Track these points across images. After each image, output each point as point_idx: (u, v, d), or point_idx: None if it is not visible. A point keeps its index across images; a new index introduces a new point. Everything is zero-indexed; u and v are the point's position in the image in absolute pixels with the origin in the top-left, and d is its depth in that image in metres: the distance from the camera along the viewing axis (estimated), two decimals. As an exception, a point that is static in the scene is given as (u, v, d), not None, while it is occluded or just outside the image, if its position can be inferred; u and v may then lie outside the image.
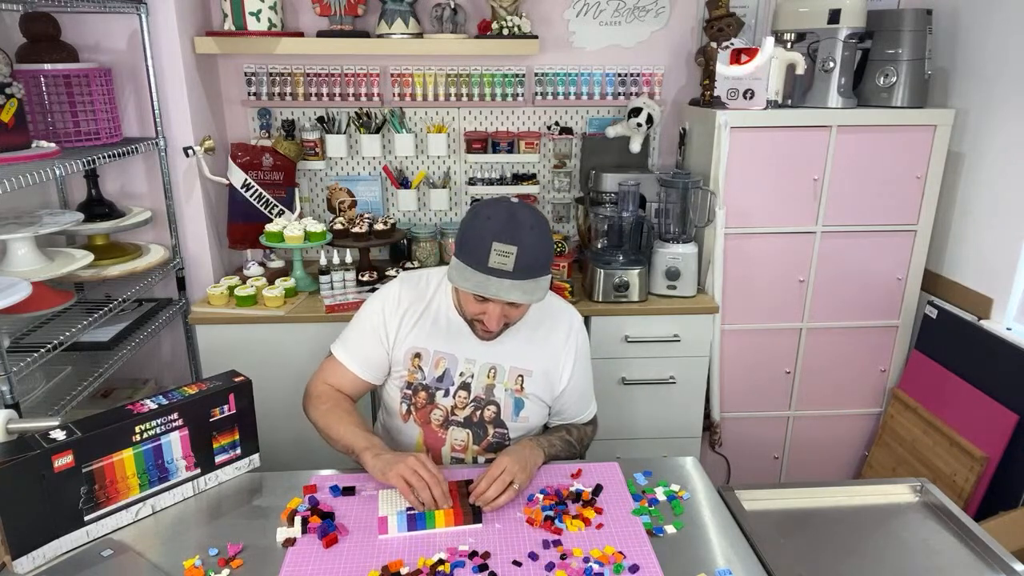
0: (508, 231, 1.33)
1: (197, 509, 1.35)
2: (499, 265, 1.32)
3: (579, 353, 1.59)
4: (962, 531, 1.34)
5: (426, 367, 1.53)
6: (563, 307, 1.62)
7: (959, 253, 2.37)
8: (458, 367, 1.53)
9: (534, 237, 1.34)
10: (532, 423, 1.57)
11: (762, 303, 2.42)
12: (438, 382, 1.53)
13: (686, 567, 1.19)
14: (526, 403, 1.54)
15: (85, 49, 2.11)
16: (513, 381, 1.53)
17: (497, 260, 1.31)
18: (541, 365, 1.54)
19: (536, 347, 1.55)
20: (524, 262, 1.32)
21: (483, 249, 1.32)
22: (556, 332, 1.57)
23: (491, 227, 1.34)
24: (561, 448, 1.55)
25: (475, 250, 1.34)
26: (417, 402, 1.54)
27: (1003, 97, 2.16)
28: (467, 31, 2.46)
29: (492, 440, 1.54)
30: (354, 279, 2.23)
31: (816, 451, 2.62)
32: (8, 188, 1.43)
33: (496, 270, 1.32)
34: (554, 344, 1.56)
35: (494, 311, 1.40)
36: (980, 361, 2.18)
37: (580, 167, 2.65)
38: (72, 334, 1.70)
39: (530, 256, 1.33)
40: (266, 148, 2.42)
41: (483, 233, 1.34)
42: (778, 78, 2.32)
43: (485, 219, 1.36)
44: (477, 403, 1.53)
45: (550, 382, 1.56)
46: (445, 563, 1.18)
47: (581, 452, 1.64)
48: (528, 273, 1.34)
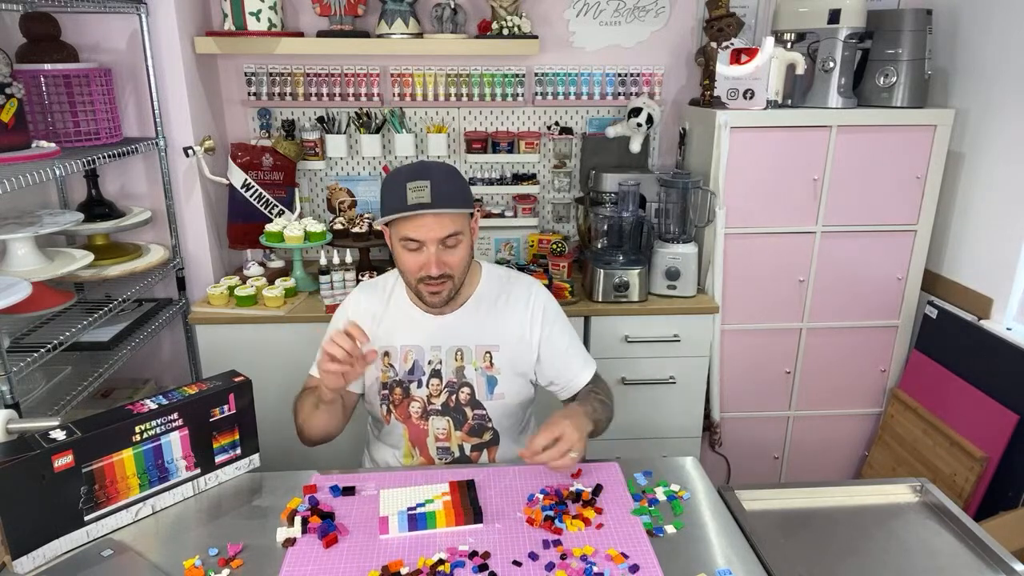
0: (418, 170, 1.42)
1: (197, 509, 1.35)
2: (417, 200, 1.38)
3: (546, 315, 1.59)
4: (962, 531, 1.34)
5: (396, 363, 1.56)
6: (519, 278, 1.64)
7: (959, 253, 2.37)
8: (426, 356, 1.55)
9: (443, 171, 1.44)
10: (509, 400, 1.57)
11: (762, 303, 2.42)
12: (409, 375, 1.55)
13: (686, 567, 1.19)
14: (499, 379, 1.55)
15: (85, 49, 2.11)
16: (481, 359, 1.55)
17: (414, 196, 1.38)
18: (506, 337, 1.56)
19: (497, 320, 1.56)
20: (439, 190, 1.39)
21: (400, 191, 1.39)
22: (515, 301, 1.58)
23: (403, 171, 1.43)
24: (600, 411, 1.54)
25: (393, 195, 1.41)
26: (394, 399, 1.56)
27: (1003, 97, 2.16)
28: (467, 31, 2.46)
29: (473, 423, 1.56)
30: (354, 279, 2.23)
31: (816, 451, 2.62)
32: (8, 188, 1.43)
33: (416, 204, 1.38)
34: (515, 313, 1.57)
35: (431, 253, 1.42)
36: (980, 361, 2.18)
37: (580, 167, 2.66)
38: (72, 334, 1.70)
39: (443, 185, 1.40)
40: (266, 148, 2.42)
41: (397, 179, 1.42)
42: (778, 78, 2.32)
43: (396, 172, 1.45)
44: (451, 388, 1.55)
45: (521, 353, 1.57)
46: (445, 563, 1.18)
47: (612, 408, 1.62)
48: (446, 201, 1.40)
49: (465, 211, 1.45)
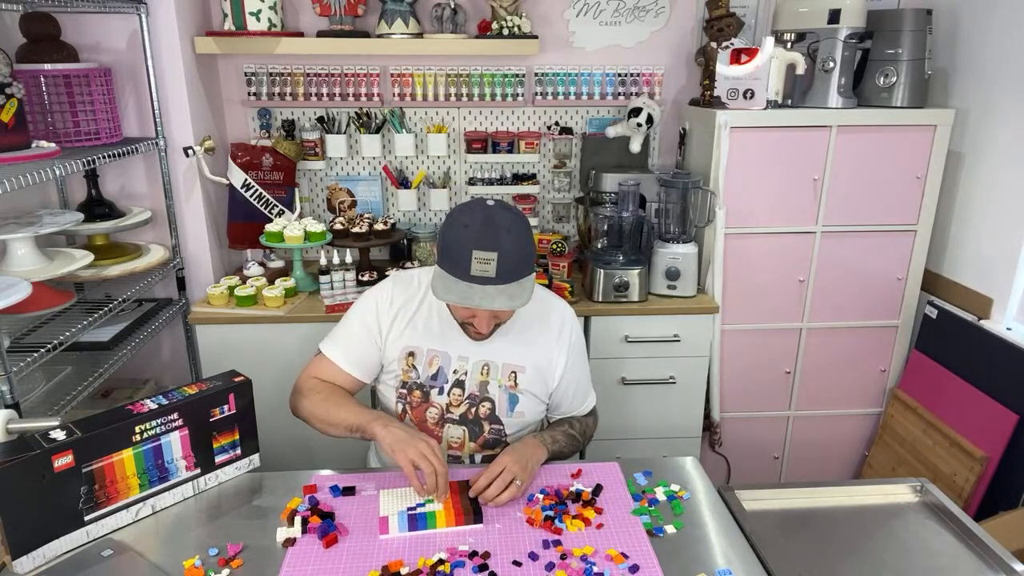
0: (486, 237, 1.32)
1: (197, 509, 1.35)
2: (481, 273, 1.32)
3: (572, 347, 1.59)
4: (962, 531, 1.34)
5: (420, 366, 1.54)
6: (554, 302, 1.63)
7: (959, 253, 2.37)
8: (451, 365, 1.53)
9: (512, 240, 1.34)
10: (528, 419, 1.57)
11: (762, 303, 2.42)
12: (432, 380, 1.53)
13: (686, 567, 1.19)
14: (520, 399, 1.54)
15: (85, 49, 2.11)
16: (507, 377, 1.53)
17: (478, 268, 1.32)
18: (534, 361, 1.55)
19: (529, 343, 1.55)
20: (505, 266, 1.33)
21: (464, 259, 1.33)
22: (548, 328, 1.57)
23: (469, 235, 1.33)
24: (565, 443, 1.55)
25: (456, 260, 1.34)
26: (412, 401, 1.55)
27: (1003, 97, 2.16)
28: (467, 31, 2.46)
29: (488, 436, 1.55)
30: (354, 279, 2.23)
31: (816, 451, 2.62)
32: (8, 188, 1.43)
33: (478, 278, 1.33)
34: (547, 340, 1.57)
35: (483, 316, 1.42)
36: (980, 361, 2.18)
37: (580, 167, 2.65)
38: (72, 334, 1.70)
39: (511, 259, 1.34)
40: (266, 148, 2.42)
41: (462, 242, 1.33)
42: (778, 78, 2.32)
43: (462, 227, 1.35)
44: (472, 400, 1.53)
45: (544, 378, 1.56)
46: (445, 563, 1.18)
47: (584, 444, 1.64)
48: (510, 276, 1.35)
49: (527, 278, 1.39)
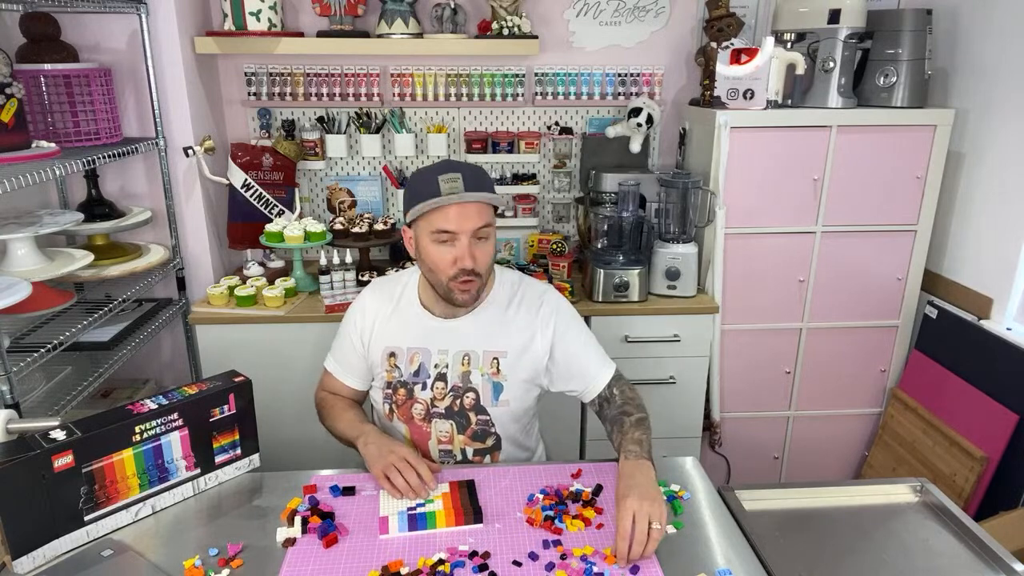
0: (448, 166, 1.44)
1: (197, 509, 1.35)
2: (450, 190, 1.40)
3: (558, 320, 1.56)
4: (962, 531, 1.34)
5: (402, 364, 1.55)
6: (531, 284, 1.62)
7: (959, 253, 2.37)
8: (432, 359, 1.54)
9: (471, 166, 1.46)
10: (514, 407, 1.55)
11: (762, 303, 2.42)
12: (415, 377, 1.55)
13: (686, 567, 1.19)
14: (504, 386, 1.54)
15: (85, 49, 2.11)
16: (488, 365, 1.54)
17: (447, 187, 1.40)
18: (514, 344, 1.54)
19: (507, 326, 1.55)
20: (471, 182, 1.41)
21: (432, 184, 1.40)
22: (525, 308, 1.56)
23: (431, 169, 1.44)
24: (642, 432, 1.45)
25: (424, 188, 1.41)
26: (397, 399, 1.56)
27: (1003, 97, 2.16)
28: (467, 31, 2.46)
29: (476, 428, 1.55)
30: (354, 279, 2.23)
31: (816, 451, 2.62)
32: (8, 188, 1.43)
33: (451, 193, 1.40)
34: (526, 319, 1.55)
35: (464, 246, 1.42)
36: (980, 361, 2.18)
37: (580, 167, 2.65)
38: (72, 334, 1.70)
39: (475, 176, 1.43)
40: (266, 148, 2.42)
41: (426, 175, 1.43)
42: (778, 78, 2.32)
43: (423, 169, 1.47)
44: (455, 392, 1.54)
45: (530, 358, 1.55)
46: (445, 563, 1.18)
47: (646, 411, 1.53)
48: (479, 188, 1.42)
49: (494, 202, 1.46)
